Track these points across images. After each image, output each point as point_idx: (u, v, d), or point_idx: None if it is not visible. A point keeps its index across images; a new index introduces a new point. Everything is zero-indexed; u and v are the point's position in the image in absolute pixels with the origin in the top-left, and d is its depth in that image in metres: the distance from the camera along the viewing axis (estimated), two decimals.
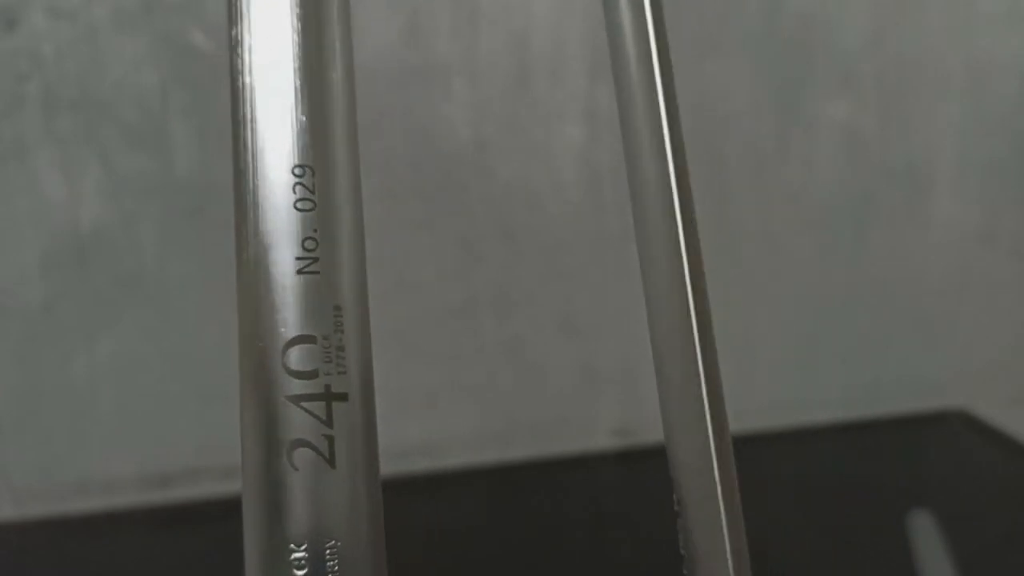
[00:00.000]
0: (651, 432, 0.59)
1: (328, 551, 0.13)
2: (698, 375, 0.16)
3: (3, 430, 0.51)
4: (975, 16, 0.57)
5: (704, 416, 0.17)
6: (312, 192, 0.14)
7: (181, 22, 0.48)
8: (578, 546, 0.47)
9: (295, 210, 0.14)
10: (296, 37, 0.15)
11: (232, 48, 0.15)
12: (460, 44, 0.51)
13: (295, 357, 0.14)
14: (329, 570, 0.13)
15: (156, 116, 0.48)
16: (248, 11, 0.15)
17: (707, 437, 0.16)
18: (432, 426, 0.56)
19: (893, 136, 0.58)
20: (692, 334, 0.17)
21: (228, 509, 0.17)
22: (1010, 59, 0.59)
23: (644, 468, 0.57)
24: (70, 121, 0.48)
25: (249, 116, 0.15)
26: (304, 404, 0.13)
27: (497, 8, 0.51)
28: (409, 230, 0.53)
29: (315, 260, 0.14)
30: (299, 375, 0.13)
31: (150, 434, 0.52)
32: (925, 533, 0.46)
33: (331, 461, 0.13)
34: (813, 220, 0.59)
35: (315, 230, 0.14)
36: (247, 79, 0.15)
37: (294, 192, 0.14)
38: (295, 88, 0.15)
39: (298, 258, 0.14)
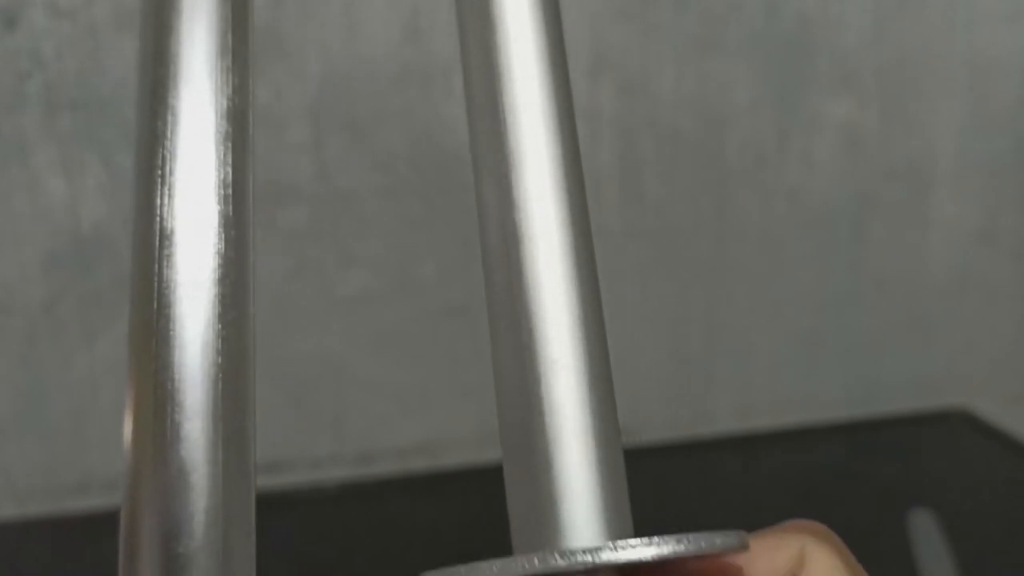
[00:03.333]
0: (650, 431, 0.59)
1: None
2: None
3: (5, 429, 0.51)
4: (976, 15, 0.57)
5: None
6: None
7: None
8: None
9: None
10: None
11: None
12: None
13: None
14: None
15: None
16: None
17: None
18: (432, 425, 0.56)
19: (893, 135, 0.58)
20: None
21: None
22: (1011, 58, 0.59)
23: (642, 467, 0.57)
24: (71, 120, 0.48)
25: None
26: None
27: None
28: (409, 230, 0.53)
29: None
30: None
31: None
32: (925, 532, 0.46)
33: None
34: (813, 220, 0.59)
35: None
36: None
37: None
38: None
39: None
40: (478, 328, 0.56)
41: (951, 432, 0.61)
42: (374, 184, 0.52)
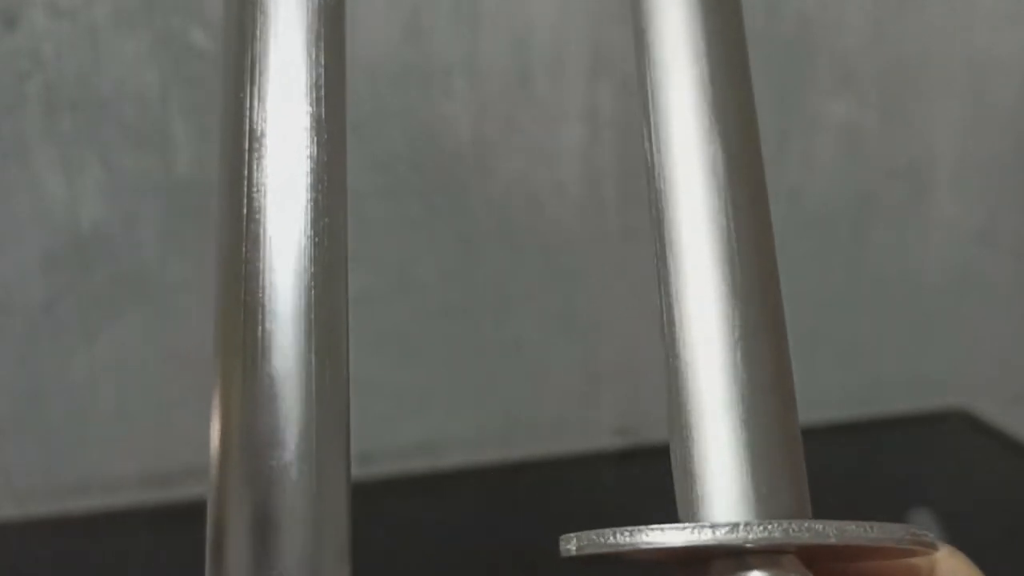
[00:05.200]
0: (652, 431, 0.59)
1: None
2: None
3: (4, 429, 0.51)
4: (976, 15, 0.57)
5: None
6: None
7: (181, 21, 0.48)
8: None
9: None
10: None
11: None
12: (460, 44, 0.51)
13: None
14: None
15: (156, 115, 0.48)
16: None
17: None
18: (432, 425, 0.56)
19: (893, 136, 0.58)
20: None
21: None
22: (1011, 58, 0.59)
23: (644, 468, 0.57)
24: (70, 120, 0.48)
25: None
26: None
27: (497, 8, 0.51)
28: (409, 230, 0.53)
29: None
30: None
31: (150, 434, 0.52)
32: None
33: None
34: (813, 220, 0.59)
35: None
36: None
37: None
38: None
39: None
40: (478, 328, 0.56)
41: (951, 432, 0.61)
42: (374, 184, 0.52)
